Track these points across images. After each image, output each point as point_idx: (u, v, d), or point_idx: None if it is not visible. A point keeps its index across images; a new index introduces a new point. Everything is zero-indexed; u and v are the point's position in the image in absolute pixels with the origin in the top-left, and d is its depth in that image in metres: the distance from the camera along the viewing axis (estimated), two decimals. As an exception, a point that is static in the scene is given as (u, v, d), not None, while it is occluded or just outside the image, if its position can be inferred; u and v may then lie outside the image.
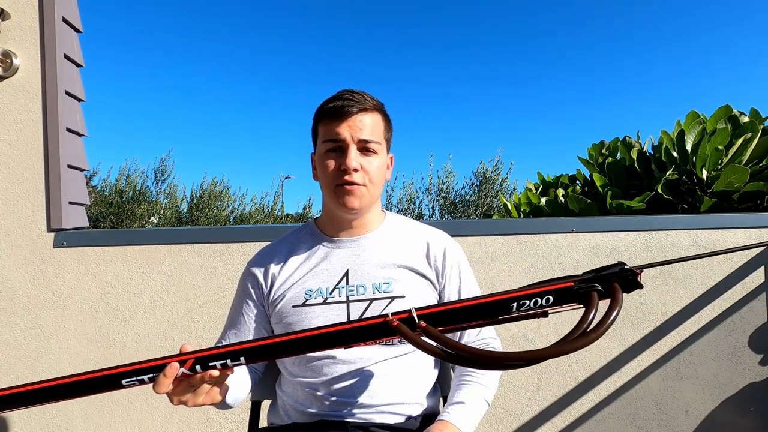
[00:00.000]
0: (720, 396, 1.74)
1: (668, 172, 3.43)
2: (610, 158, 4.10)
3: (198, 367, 0.70)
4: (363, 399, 0.94)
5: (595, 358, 1.75)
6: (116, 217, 11.37)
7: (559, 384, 1.75)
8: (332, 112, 0.96)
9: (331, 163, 0.97)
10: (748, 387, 1.73)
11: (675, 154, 3.50)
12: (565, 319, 1.75)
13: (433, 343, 0.66)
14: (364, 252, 1.02)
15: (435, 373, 1.07)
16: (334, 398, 0.95)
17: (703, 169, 3.28)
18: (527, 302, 0.69)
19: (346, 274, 1.00)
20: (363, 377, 0.95)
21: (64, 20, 1.84)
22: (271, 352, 0.72)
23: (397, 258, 1.01)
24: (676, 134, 3.55)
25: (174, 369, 0.68)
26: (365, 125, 0.96)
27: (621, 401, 1.74)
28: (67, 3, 1.86)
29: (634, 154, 3.90)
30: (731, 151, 3.25)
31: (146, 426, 1.78)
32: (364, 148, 0.97)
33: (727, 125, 3.31)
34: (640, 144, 4.10)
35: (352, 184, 0.95)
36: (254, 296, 1.04)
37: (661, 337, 1.74)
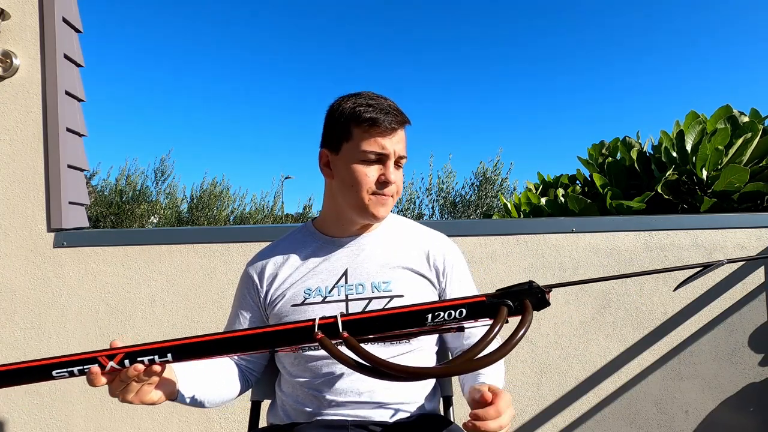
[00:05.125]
0: (720, 396, 1.74)
1: (668, 172, 3.43)
2: (610, 158, 4.10)
3: (126, 362, 0.72)
4: (363, 398, 0.94)
5: (595, 358, 1.75)
6: (116, 217, 11.38)
7: (559, 384, 1.75)
8: (379, 123, 0.94)
9: (372, 173, 0.96)
10: (748, 387, 1.73)
11: (675, 154, 3.50)
12: (564, 319, 1.75)
13: (351, 354, 0.69)
14: (363, 251, 1.03)
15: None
16: (333, 398, 0.95)
17: (703, 169, 3.28)
18: (442, 314, 0.72)
19: (345, 273, 1.00)
20: (361, 377, 0.95)
21: (64, 20, 1.84)
22: (196, 351, 0.74)
23: (396, 257, 1.02)
24: (675, 134, 3.55)
25: (95, 370, 0.71)
26: (402, 141, 0.99)
27: (621, 401, 1.74)
28: (67, 3, 1.86)
29: (634, 154, 3.90)
30: (731, 151, 3.25)
31: (146, 426, 1.78)
32: (397, 162, 1.00)
33: (727, 125, 3.31)
34: (640, 144, 4.10)
35: (386, 195, 0.98)
36: (250, 299, 1.05)
37: (661, 337, 1.74)
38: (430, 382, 1.05)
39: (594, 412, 1.75)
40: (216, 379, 0.96)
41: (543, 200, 4.23)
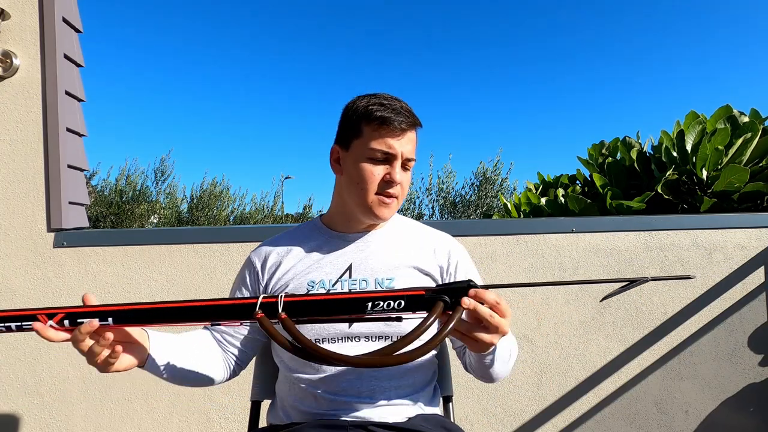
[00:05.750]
0: (720, 396, 1.74)
1: (668, 172, 3.43)
2: (610, 158, 4.10)
3: (66, 322, 0.77)
4: (362, 398, 0.95)
5: (595, 358, 1.75)
6: (116, 217, 11.38)
7: (559, 384, 1.75)
8: (389, 123, 0.95)
9: (378, 172, 0.97)
10: (748, 387, 1.73)
11: (675, 154, 3.50)
12: (564, 319, 1.75)
13: (286, 335, 0.74)
14: (368, 247, 1.03)
15: (435, 373, 1.07)
16: (332, 397, 0.95)
17: (703, 169, 3.28)
18: (381, 303, 0.76)
19: (350, 267, 1.01)
20: (362, 376, 0.95)
21: (64, 20, 1.84)
22: (138, 317, 0.77)
23: (401, 255, 1.03)
24: (675, 134, 3.55)
25: (37, 326, 0.77)
26: (411, 143, 0.99)
27: (621, 401, 1.74)
28: (67, 3, 1.86)
29: (634, 154, 3.90)
30: (731, 151, 3.26)
31: (146, 426, 1.78)
32: (404, 164, 1.00)
33: (727, 125, 3.31)
34: (640, 144, 4.10)
35: (391, 196, 0.98)
36: (249, 285, 1.06)
37: (661, 337, 1.75)
38: (430, 383, 1.05)
39: (594, 412, 1.75)
40: (193, 356, 0.96)
41: (543, 200, 4.24)
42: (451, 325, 0.72)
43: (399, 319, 0.80)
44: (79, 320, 0.76)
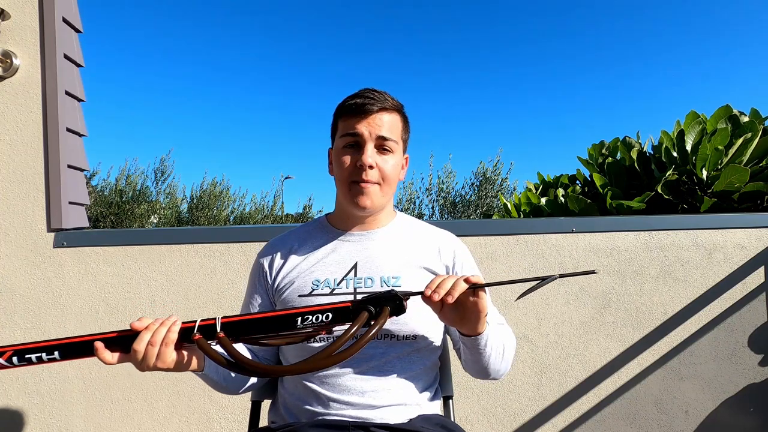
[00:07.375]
0: (720, 396, 1.74)
1: (668, 172, 3.43)
2: (610, 158, 4.10)
3: (15, 359, 0.78)
4: (364, 399, 0.94)
5: (595, 358, 1.75)
6: (116, 217, 11.38)
7: (559, 384, 1.75)
8: (353, 109, 0.97)
9: (348, 159, 0.98)
10: (748, 387, 1.73)
11: (675, 154, 3.51)
12: (564, 319, 1.75)
13: (222, 351, 0.78)
14: (373, 246, 1.03)
15: (437, 374, 1.07)
16: (335, 396, 0.95)
17: (703, 169, 3.28)
18: (310, 317, 0.79)
19: (355, 266, 1.01)
20: (365, 377, 0.95)
21: (64, 20, 1.84)
22: (83, 350, 0.79)
23: (406, 253, 1.03)
24: (676, 134, 3.55)
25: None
26: (384, 123, 0.98)
27: (621, 401, 1.74)
28: (67, 3, 1.86)
29: (634, 154, 3.90)
30: (731, 151, 3.26)
31: (146, 426, 1.78)
32: (381, 146, 0.98)
33: (727, 125, 3.31)
34: (640, 144, 4.10)
35: (366, 182, 0.97)
36: (260, 286, 1.06)
37: (661, 337, 1.74)
38: (432, 384, 1.05)
39: (594, 412, 1.75)
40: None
41: (543, 200, 4.24)
42: (377, 328, 0.76)
43: (330, 332, 0.83)
44: (26, 355, 0.77)
